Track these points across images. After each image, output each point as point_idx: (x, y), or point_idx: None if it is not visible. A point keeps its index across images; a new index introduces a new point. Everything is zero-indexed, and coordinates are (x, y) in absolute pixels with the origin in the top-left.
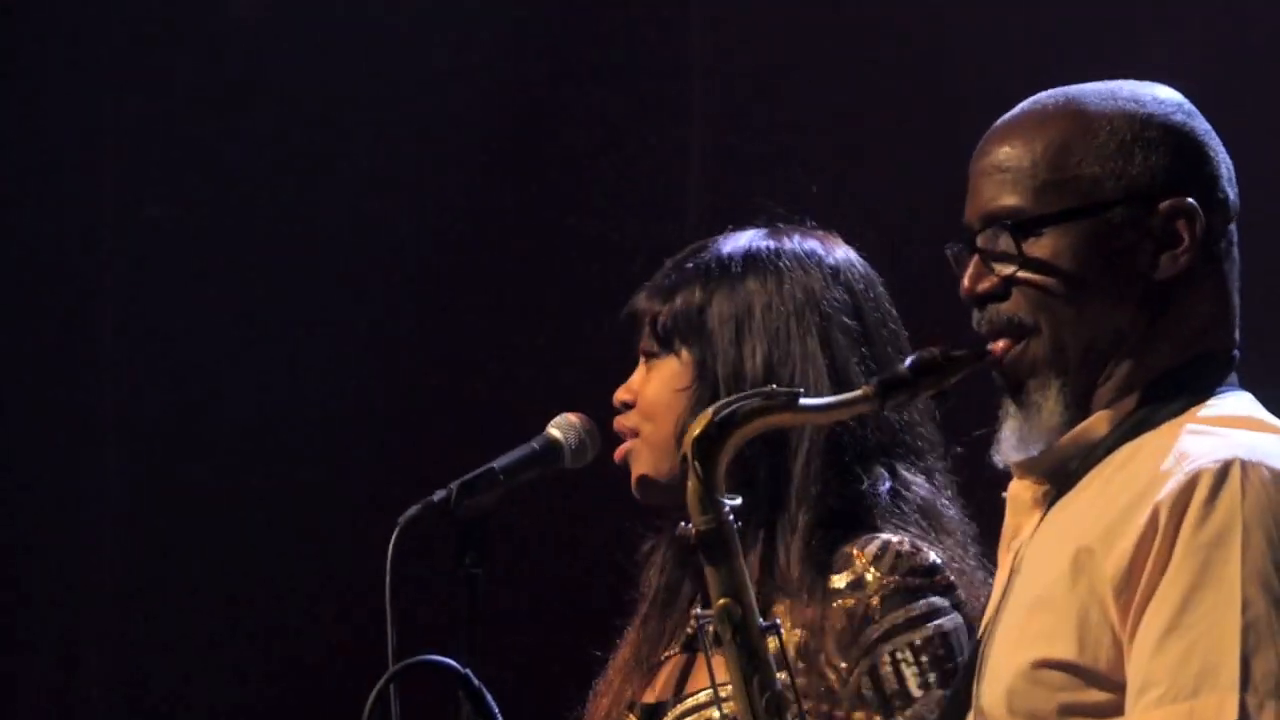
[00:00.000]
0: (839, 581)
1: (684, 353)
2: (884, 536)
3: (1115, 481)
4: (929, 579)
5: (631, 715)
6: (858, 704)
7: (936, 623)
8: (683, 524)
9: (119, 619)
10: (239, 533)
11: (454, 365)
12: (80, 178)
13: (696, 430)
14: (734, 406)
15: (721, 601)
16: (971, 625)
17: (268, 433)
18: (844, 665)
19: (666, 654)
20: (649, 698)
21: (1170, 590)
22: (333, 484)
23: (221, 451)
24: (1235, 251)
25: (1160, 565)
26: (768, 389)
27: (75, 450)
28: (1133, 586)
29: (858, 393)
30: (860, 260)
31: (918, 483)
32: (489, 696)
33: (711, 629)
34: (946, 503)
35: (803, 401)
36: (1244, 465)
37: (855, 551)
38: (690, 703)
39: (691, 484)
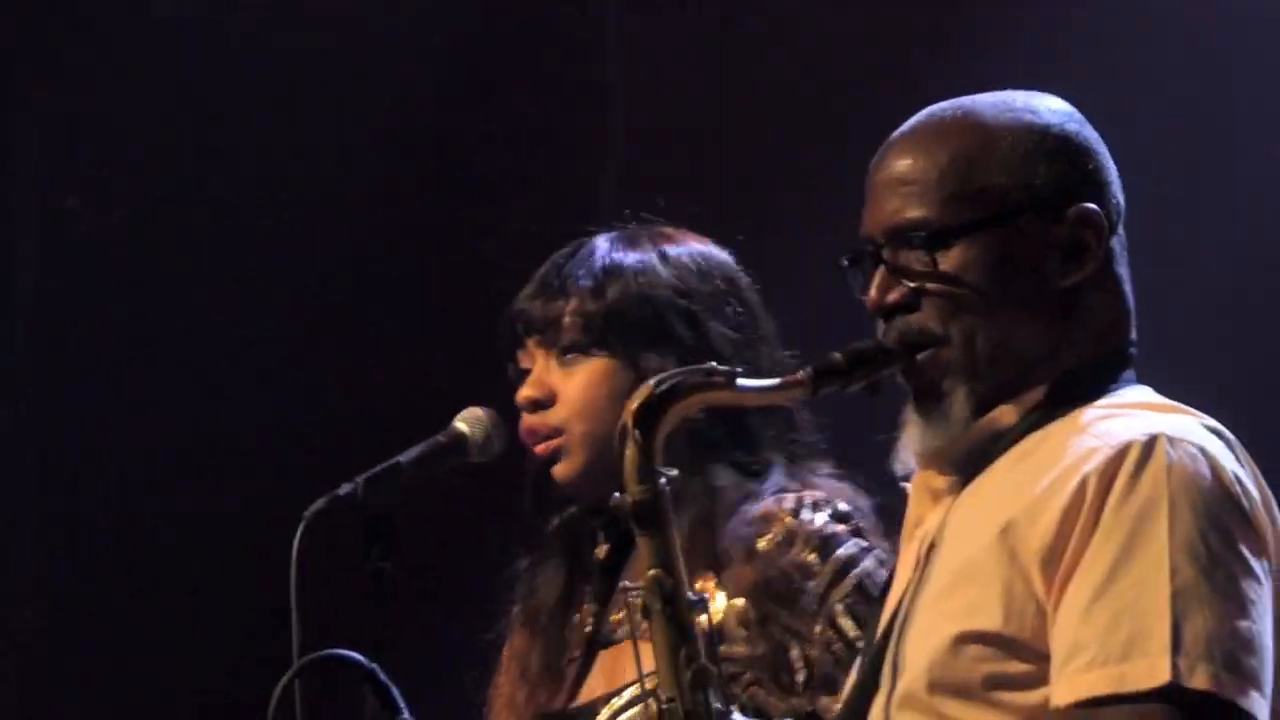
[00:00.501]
0: (766, 543)
1: (620, 351)
2: (798, 493)
3: (1030, 462)
4: (847, 524)
5: None
6: (828, 658)
7: (863, 565)
8: (616, 495)
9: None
10: (147, 529)
11: (366, 368)
12: None
13: (637, 401)
14: (676, 380)
15: (652, 572)
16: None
17: (179, 430)
18: (803, 626)
19: (570, 657)
20: (559, 703)
21: (1098, 559)
22: (243, 481)
23: (129, 451)
24: (1126, 255)
25: (1087, 534)
26: (709, 366)
27: None
28: (1059, 556)
29: (793, 377)
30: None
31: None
32: (394, 690)
33: (640, 601)
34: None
35: (740, 381)
36: (1169, 439)
37: (772, 509)
38: (618, 701)
39: (630, 453)
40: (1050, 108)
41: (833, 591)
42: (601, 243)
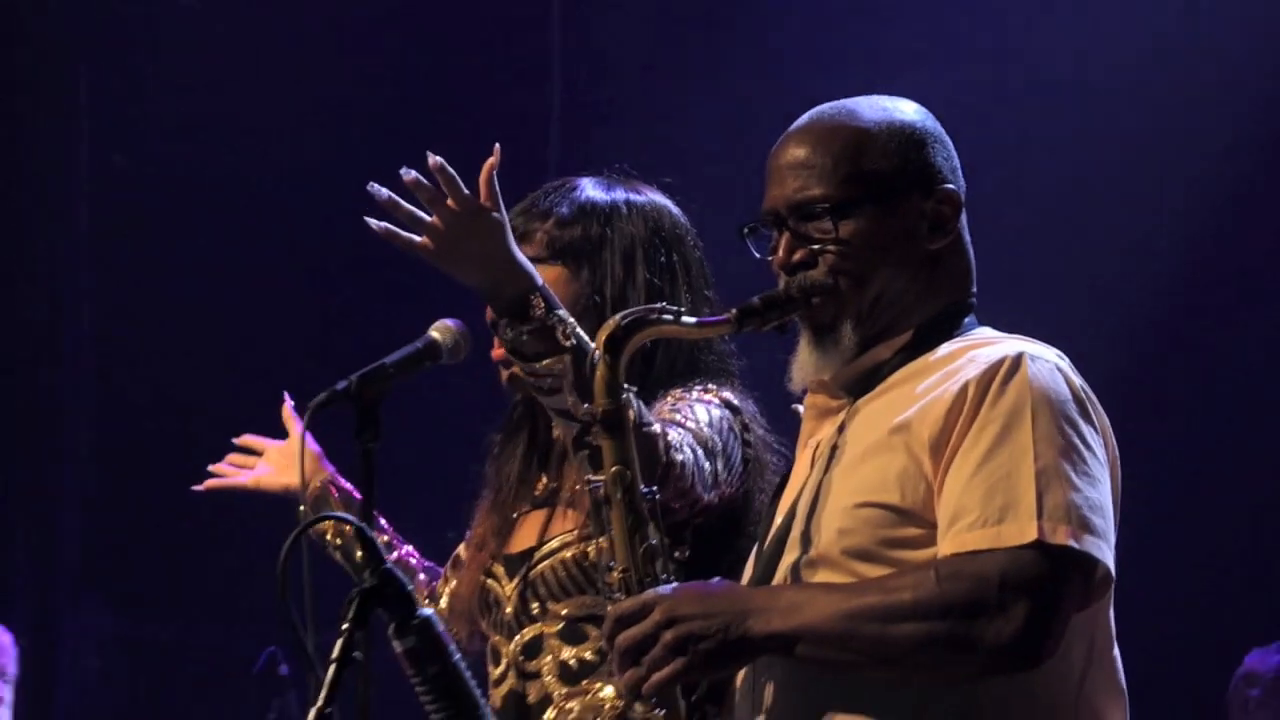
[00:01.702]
0: (660, 407)
1: (573, 268)
2: (700, 385)
3: (911, 384)
4: (728, 409)
5: (497, 564)
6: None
7: (725, 415)
8: (585, 406)
9: None
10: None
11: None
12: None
13: (607, 331)
14: (636, 315)
15: (615, 468)
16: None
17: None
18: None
19: (519, 512)
20: (510, 549)
21: (976, 445)
22: (258, 378)
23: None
24: (967, 224)
25: (967, 426)
26: (661, 305)
27: None
28: (944, 444)
29: (722, 316)
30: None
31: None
32: (378, 544)
33: (603, 490)
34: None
35: (684, 319)
36: (1031, 357)
37: (675, 392)
38: (548, 547)
39: (600, 372)
40: (911, 108)
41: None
42: (584, 182)
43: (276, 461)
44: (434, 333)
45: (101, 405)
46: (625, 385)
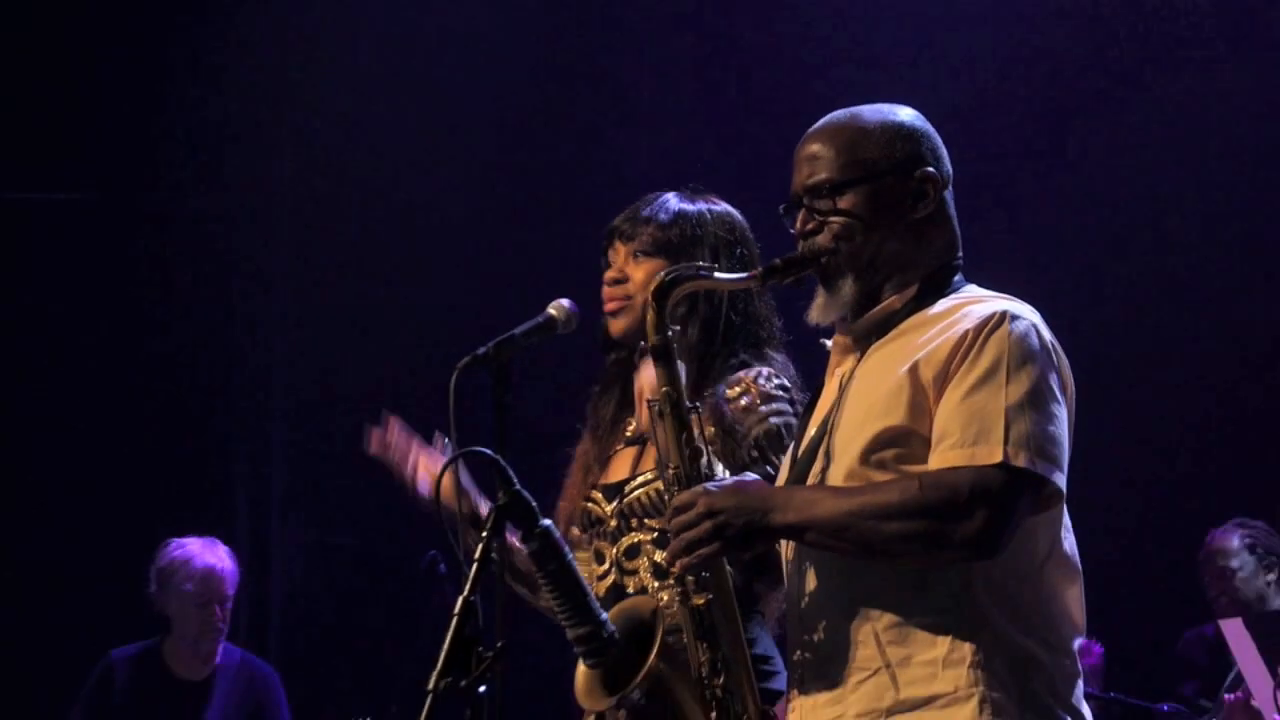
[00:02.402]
0: (733, 393)
1: (670, 261)
2: (760, 368)
3: (919, 331)
4: (783, 392)
5: (596, 492)
6: (753, 453)
7: (784, 417)
8: (642, 343)
9: None
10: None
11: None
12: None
13: (655, 284)
14: (678, 271)
15: (664, 389)
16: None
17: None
18: (741, 430)
19: (615, 450)
20: (607, 479)
21: (962, 384)
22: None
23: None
24: (952, 202)
25: (958, 368)
26: (697, 264)
27: None
28: (942, 378)
29: (750, 274)
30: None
31: (770, 342)
32: (510, 472)
33: (656, 408)
34: (785, 358)
35: (716, 274)
36: (1012, 315)
37: (745, 376)
38: (641, 479)
39: (650, 315)
40: (906, 112)
41: (760, 426)
42: (672, 196)
43: (423, 465)
44: (551, 310)
45: (299, 369)
46: (670, 326)
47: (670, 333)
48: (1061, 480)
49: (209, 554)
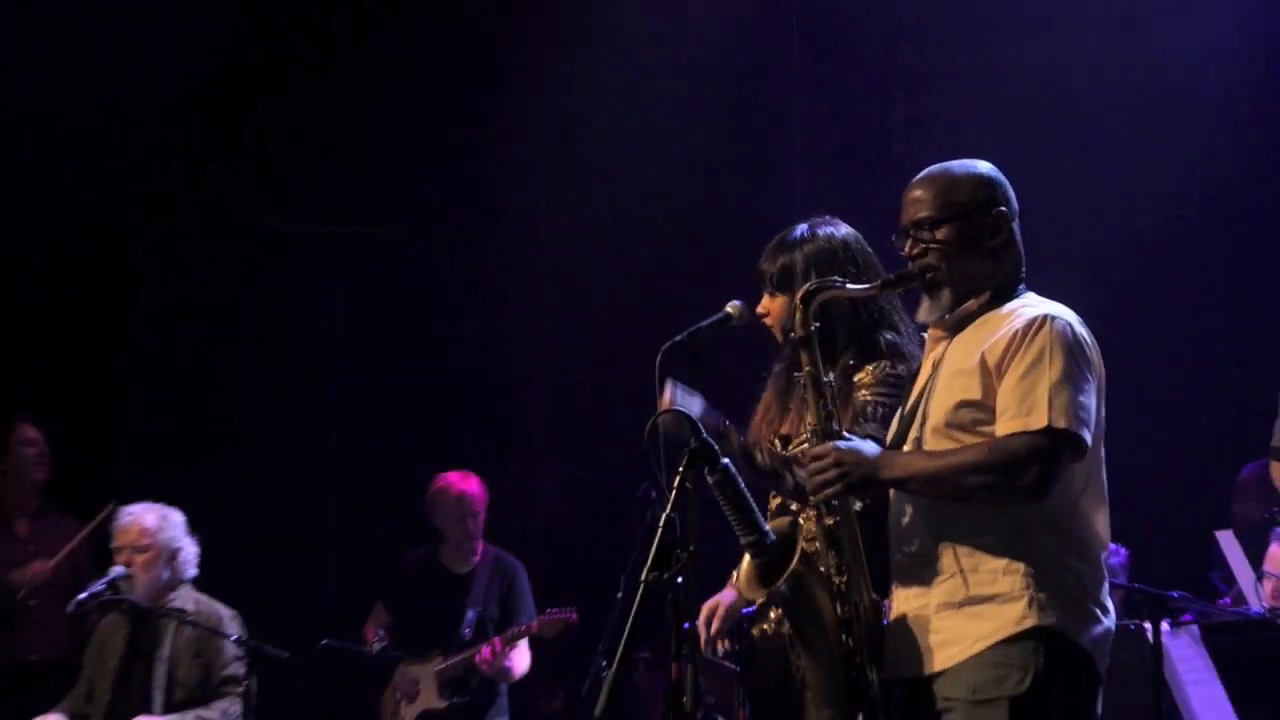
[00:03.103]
0: (859, 377)
1: (788, 293)
2: (881, 361)
3: (988, 327)
4: (896, 376)
5: (776, 440)
6: (861, 420)
7: (888, 399)
8: (792, 334)
9: None
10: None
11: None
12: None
13: (803, 290)
14: (820, 282)
15: (808, 369)
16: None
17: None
18: (857, 404)
19: (788, 407)
20: (783, 430)
21: (1017, 369)
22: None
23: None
24: (1019, 233)
25: (1013, 357)
26: (833, 277)
27: None
28: (1002, 365)
29: (872, 284)
30: (853, 231)
31: (891, 337)
32: (700, 424)
33: (801, 380)
34: (902, 347)
35: (848, 285)
36: (1053, 317)
37: (871, 367)
38: (803, 437)
39: (799, 315)
40: (985, 166)
41: (871, 403)
42: (798, 229)
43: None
44: (729, 308)
45: (555, 350)
46: (813, 322)
47: (813, 328)
48: (1089, 437)
49: (462, 482)
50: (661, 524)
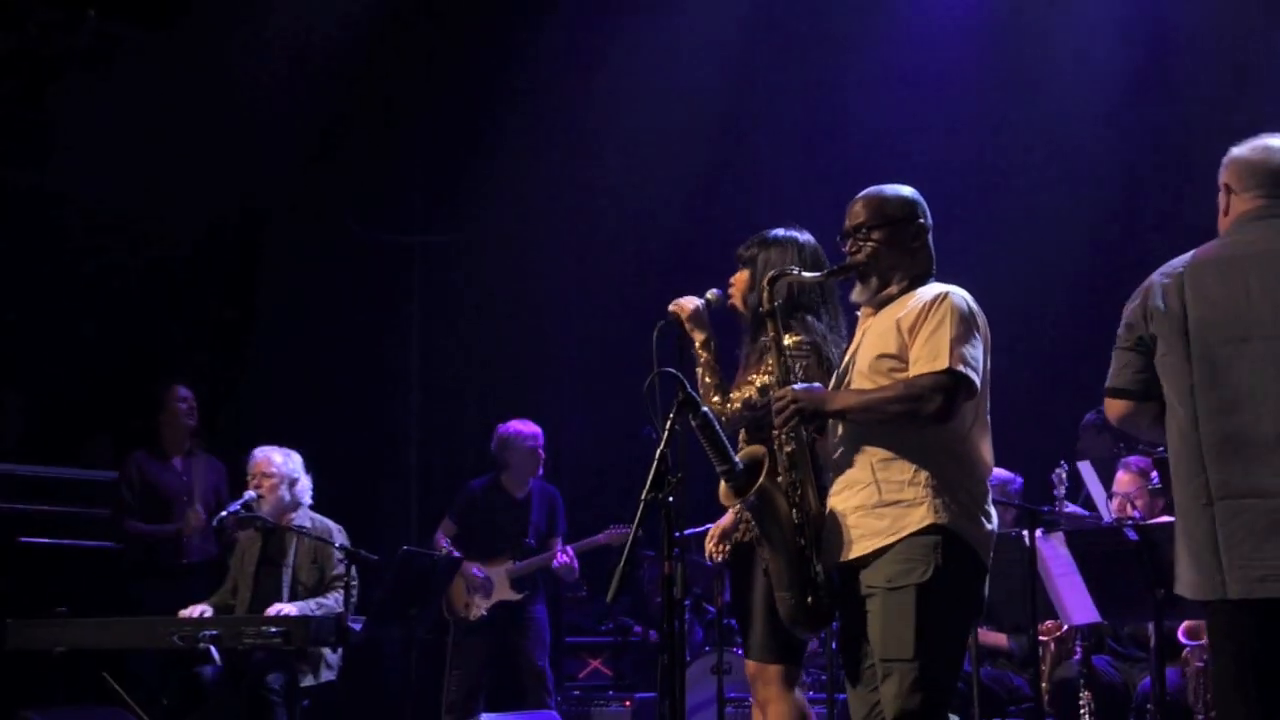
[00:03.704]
0: (789, 340)
1: (749, 270)
2: (800, 335)
3: (902, 305)
4: (811, 344)
5: (755, 390)
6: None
7: (807, 356)
8: (759, 308)
9: None
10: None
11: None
12: None
13: (769, 275)
14: (781, 269)
15: (772, 334)
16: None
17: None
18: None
19: (751, 362)
20: (754, 379)
21: (926, 328)
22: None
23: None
24: (931, 240)
25: (921, 321)
26: (791, 266)
27: None
28: (915, 327)
29: (822, 273)
30: (811, 238)
31: (810, 320)
32: (688, 385)
33: (766, 342)
34: (813, 326)
35: (803, 273)
36: (951, 293)
37: (799, 333)
38: (760, 380)
39: (765, 294)
40: (908, 190)
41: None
42: (770, 231)
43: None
44: (707, 295)
45: (581, 326)
46: (775, 302)
47: (776, 303)
48: (978, 381)
49: (524, 428)
50: (657, 457)
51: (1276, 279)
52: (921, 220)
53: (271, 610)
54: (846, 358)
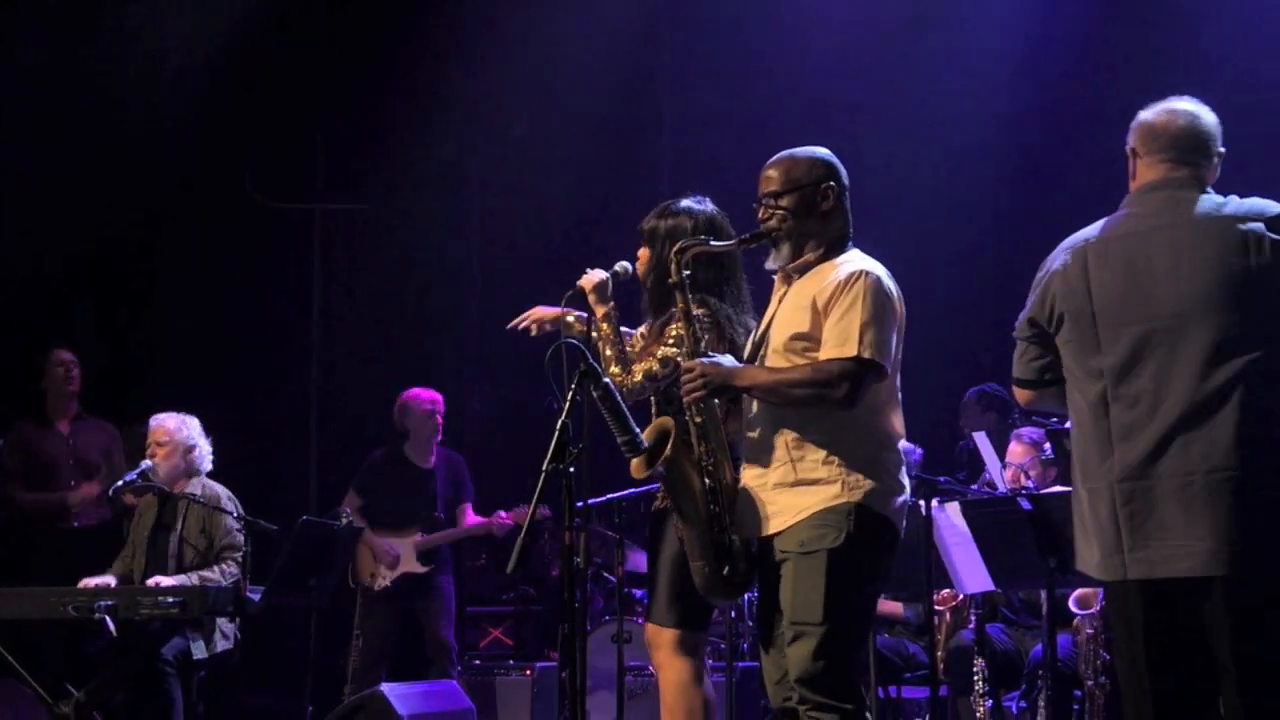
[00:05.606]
0: (697, 310)
1: (650, 247)
2: (702, 308)
3: (819, 277)
4: (711, 318)
5: (656, 361)
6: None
7: (709, 329)
8: (667, 279)
9: None
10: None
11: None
12: None
13: (678, 245)
14: (690, 240)
15: (681, 305)
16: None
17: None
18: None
19: (652, 335)
20: (656, 352)
21: (837, 310)
22: None
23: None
24: (848, 201)
25: (835, 300)
26: (703, 237)
27: None
28: (828, 307)
29: (733, 241)
30: (716, 208)
31: (713, 300)
32: (590, 356)
33: (676, 313)
34: (711, 303)
35: (713, 242)
36: (867, 271)
37: (700, 305)
38: (662, 352)
39: (674, 265)
40: (822, 151)
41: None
42: (672, 202)
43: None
44: (616, 267)
45: (485, 300)
46: (685, 272)
47: (685, 274)
48: (889, 365)
49: (423, 393)
50: (558, 428)
51: (1174, 257)
52: (833, 183)
53: (150, 582)
54: (762, 326)
